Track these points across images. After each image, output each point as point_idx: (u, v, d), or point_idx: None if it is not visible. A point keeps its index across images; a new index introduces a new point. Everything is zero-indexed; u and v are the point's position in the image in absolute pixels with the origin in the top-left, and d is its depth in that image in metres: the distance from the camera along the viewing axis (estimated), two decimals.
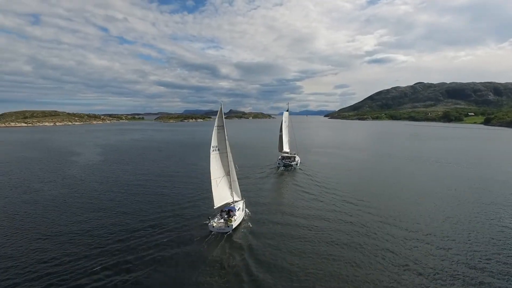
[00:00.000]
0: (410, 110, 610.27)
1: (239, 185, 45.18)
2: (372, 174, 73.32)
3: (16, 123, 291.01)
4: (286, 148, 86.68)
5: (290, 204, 49.07)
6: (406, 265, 29.59)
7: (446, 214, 44.16)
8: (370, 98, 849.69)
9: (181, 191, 56.45)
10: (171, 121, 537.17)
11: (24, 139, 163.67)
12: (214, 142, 40.74)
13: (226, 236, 36.26)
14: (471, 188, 58.71)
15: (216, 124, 41.03)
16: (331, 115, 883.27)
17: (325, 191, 56.35)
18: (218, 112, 41.29)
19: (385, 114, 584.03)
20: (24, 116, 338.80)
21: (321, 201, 49.88)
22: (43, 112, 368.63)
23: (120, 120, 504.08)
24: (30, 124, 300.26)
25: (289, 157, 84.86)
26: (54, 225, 39.82)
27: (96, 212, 44.62)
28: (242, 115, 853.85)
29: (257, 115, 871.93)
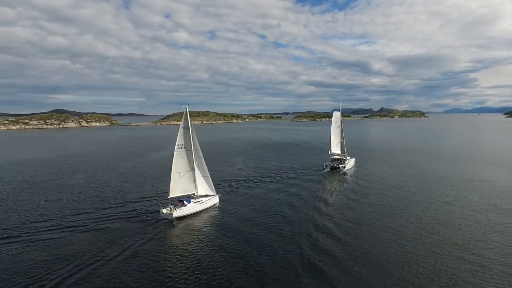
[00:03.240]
0: None
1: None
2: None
3: (176, 121, 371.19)
4: (335, 149, 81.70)
5: (275, 213, 45.69)
6: None
7: None
8: None
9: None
10: (304, 120, 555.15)
11: (157, 135, 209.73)
12: (179, 141, 46.94)
13: (168, 222, 42.07)
14: None
15: (182, 125, 47.17)
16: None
17: (339, 212, 46.05)
18: (184, 115, 47.28)
19: None
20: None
21: (313, 222, 41.20)
22: (197, 112, 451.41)
23: (259, 119, 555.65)
24: None
25: (338, 160, 79.96)
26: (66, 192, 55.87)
27: (89, 192, 58.58)
28: (387, 113, 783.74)
29: (405, 114, 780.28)
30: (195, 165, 48.10)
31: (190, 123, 47.46)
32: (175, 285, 27.09)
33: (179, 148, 47.11)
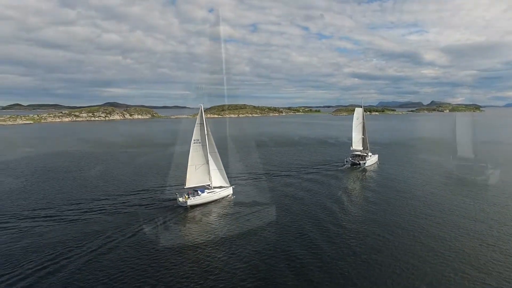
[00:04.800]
0: None
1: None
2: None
3: (213, 114, 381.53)
4: (356, 146, 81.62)
5: (284, 206, 47.97)
6: None
7: None
8: None
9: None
10: (344, 114, 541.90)
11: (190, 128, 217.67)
12: (195, 136, 51.09)
13: (183, 209, 46.64)
14: None
15: (198, 122, 51.27)
16: None
17: (347, 210, 46.63)
18: (199, 112, 51.28)
19: None
20: (222, 109, 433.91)
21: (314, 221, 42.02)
22: (235, 105, 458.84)
23: (297, 113, 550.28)
24: (220, 116, 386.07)
25: (359, 156, 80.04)
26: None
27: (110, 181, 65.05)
28: (436, 107, 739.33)
29: (457, 108, 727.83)
30: (209, 158, 51.98)
31: (205, 120, 51.35)
32: (172, 265, 31.14)
33: (195, 143, 51.21)
